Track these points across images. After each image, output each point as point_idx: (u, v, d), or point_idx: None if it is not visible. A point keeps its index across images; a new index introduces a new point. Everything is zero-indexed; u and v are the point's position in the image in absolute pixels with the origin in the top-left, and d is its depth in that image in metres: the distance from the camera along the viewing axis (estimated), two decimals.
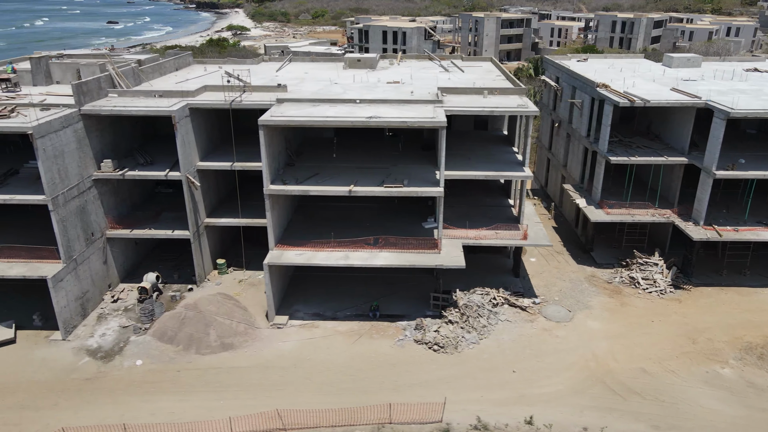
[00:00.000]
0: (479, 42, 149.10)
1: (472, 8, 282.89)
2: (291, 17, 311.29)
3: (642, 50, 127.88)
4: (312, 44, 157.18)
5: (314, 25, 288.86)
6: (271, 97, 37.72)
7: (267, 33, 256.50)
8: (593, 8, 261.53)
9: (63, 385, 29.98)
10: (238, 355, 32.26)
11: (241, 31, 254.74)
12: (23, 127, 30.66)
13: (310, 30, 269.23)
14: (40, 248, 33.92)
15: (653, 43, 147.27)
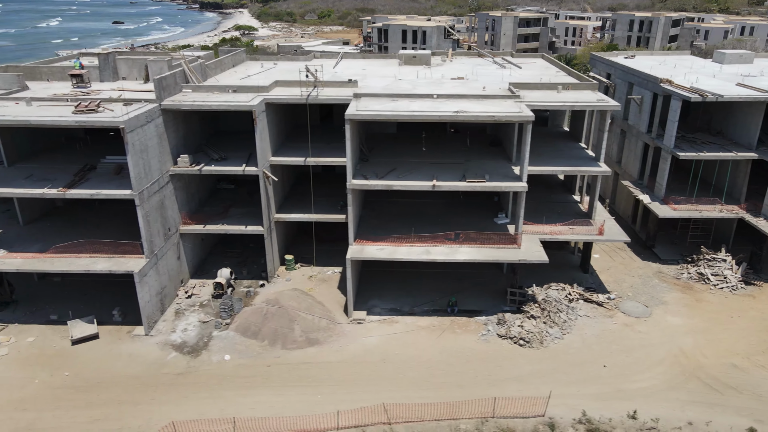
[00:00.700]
0: (496, 41, 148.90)
1: (477, 8, 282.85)
2: (297, 17, 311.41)
3: (666, 49, 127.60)
4: (324, 44, 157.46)
5: (321, 25, 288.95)
6: (343, 93, 37.76)
7: (275, 33, 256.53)
8: (598, 8, 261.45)
9: (156, 380, 29.92)
10: (324, 351, 32.21)
11: (249, 31, 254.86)
12: (115, 122, 30.61)
13: (318, 30, 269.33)
14: (124, 243, 33.89)
15: (671, 42, 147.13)
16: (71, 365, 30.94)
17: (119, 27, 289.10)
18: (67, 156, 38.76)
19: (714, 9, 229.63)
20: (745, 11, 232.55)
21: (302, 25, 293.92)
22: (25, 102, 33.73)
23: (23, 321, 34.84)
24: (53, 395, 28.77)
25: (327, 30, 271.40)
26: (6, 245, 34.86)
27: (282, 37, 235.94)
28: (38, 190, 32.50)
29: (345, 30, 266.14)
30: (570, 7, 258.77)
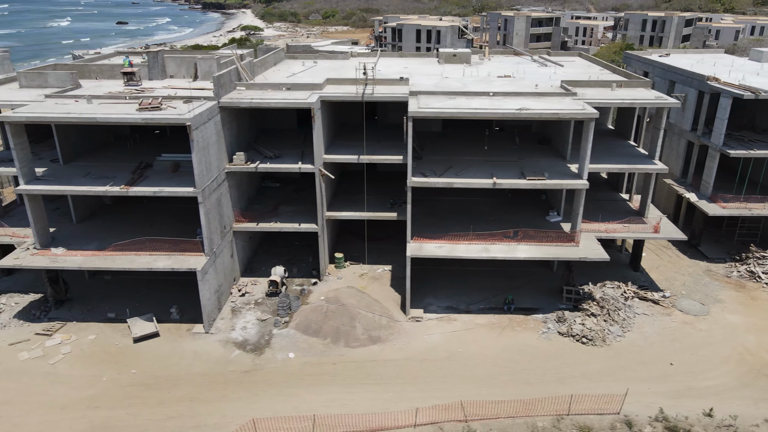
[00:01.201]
0: (508, 40, 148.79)
1: (481, 8, 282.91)
2: (301, 17, 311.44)
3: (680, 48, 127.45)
4: (333, 44, 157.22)
5: (325, 25, 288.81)
6: (395, 90, 37.71)
7: (280, 33, 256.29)
8: (602, 8, 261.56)
9: (224, 377, 29.87)
10: (387, 348, 32.16)
11: (255, 31, 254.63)
12: (181, 119, 30.56)
13: (323, 30, 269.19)
14: (184, 241, 33.84)
15: (683, 42, 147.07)
16: (137, 363, 30.88)
17: (124, 27, 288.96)
18: (118, 154, 38.73)
19: (719, 9, 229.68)
20: (750, 11, 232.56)
21: (307, 25, 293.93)
22: (86, 100, 33.67)
23: (80, 319, 34.78)
24: (124, 393, 28.71)
25: (332, 30, 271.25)
26: (63, 243, 34.80)
27: (288, 37, 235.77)
28: (101, 188, 32.43)
29: (350, 30, 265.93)
30: (573, 7, 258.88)
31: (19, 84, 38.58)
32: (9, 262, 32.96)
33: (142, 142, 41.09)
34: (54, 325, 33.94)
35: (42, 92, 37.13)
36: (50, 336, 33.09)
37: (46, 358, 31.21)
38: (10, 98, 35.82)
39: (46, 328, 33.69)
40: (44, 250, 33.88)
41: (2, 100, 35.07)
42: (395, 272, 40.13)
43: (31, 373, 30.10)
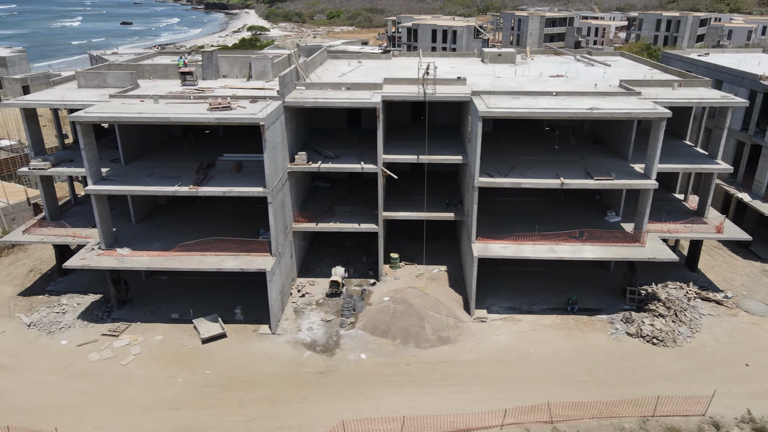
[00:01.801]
0: (522, 40, 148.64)
1: (486, 9, 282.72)
2: (305, 18, 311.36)
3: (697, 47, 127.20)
4: (344, 44, 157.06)
5: (331, 25, 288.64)
6: (453, 90, 37.53)
7: (286, 33, 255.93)
8: (606, 8, 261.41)
9: (299, 378, 29.73)
10: (458, 349, 32.02)
11: (261, 31, 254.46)
12: (255, 118, 30.44)
13: (329, 30, 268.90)
14: (251, 241, 33.71)
15: (697, 42, 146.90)
16: (209, 364, 30.73)
17: (129, 28, 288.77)
18: (175, 154, 38.61)
19: (724, 9, 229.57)
20: (757, 11, 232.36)
21: (312, 25, 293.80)
22: (152, 100, 33.52)
23: (144, 320, 34.63)
24: (201, 394, 28.57)
25: (338, 30, 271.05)
26: (125, 244, 34.67)
27: (294, 37, 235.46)
28: (169, 188, 32.29)
29: (356, 30, 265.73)
30: (578, 8, 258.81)
31: (78, 84, 38.43)
32: (76, 262, 32.81)
33: (196, 142, 40.93)
34: (119, 325, 33.80)
35: (101, 92, 37.04)
36: (117, 337, 32.95)
37: (117, 359, 31.07)
38: (73, 98, 35.65)
39: (111, 328, 33.55)
40: (110, 251, 33.74)
41: (67, 100, 34.88)
42: (451, 272, 39.98)
43: (105, 374, 29.95)
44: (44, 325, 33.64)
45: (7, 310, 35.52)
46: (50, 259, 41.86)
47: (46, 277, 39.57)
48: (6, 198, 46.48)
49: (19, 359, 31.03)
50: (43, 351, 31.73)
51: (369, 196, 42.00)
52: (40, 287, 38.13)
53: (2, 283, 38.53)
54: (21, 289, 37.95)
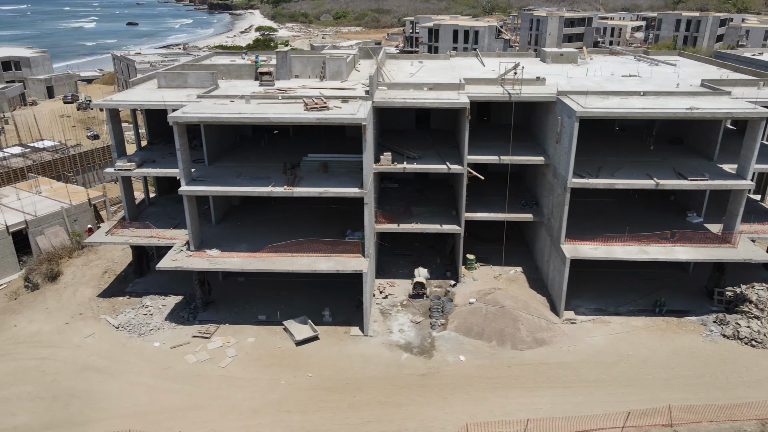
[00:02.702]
0: (540, 41, 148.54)
1: (491, 9, 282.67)
2: (312, 18, 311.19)
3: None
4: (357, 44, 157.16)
5: (337, 25, 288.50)
6: (537, 90, 37.28)
7: (294, 34, 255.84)
8: (611, 9, 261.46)
9: (402, 381, 29.48)
10: (555, 351, 31.78)
11: (269, 31, 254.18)
12: (356, 119, 30.26)
13: (336, 30, 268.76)
14: (343, 242, 33.47)
15: (717, 42, 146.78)
16: (308, 366, 30.48)
17: (135, 28, 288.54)
18: (253, 154, 38.41)
19: (731, 9, 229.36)
20: (765, 12, 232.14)
21: (319, 26, 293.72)
22: (244, 100, 33.29)
23: (232, 321, 34.40)
24: (308, 396, 28.32)
25: (345, 30, 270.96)
26: (212, 245, 34.44)
27: (303, 37, 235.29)
28: (264, 189, 32.05)
29: (363, 31, 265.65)
30: (583, 8, 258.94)
31: (158, 84, 38.17)
32: (168, 263, 32.57)
33: (270, 143, 40.73)
34: (208, 327, 33.55)
35: (182, 92, 36.80)
36: (209, 339, 32.70)
37: (215, 361, 30.81)
38: (157, 99, 35.38)
39: (201, 330, 33.30)
40: (199, 252, 33.49)
41: (154, 100, 34.65)
42: (528, 274, 39.74)
43: (206, 376, 29.70)
44: (133, 327, 33.37)
45: (92, 312, 35.25)
46: (122, 260, 41.63)
47: (121, 278, 39.30)
48: (69, 199, 46.21)
49: (116, 361, 30.76)
50: (138, 353, 31.46)
51: (440, 197, 41.87)
52: (119, 288, 37.87)
53: (80, 284, 38.26)
54: (99, 291, 37.68)
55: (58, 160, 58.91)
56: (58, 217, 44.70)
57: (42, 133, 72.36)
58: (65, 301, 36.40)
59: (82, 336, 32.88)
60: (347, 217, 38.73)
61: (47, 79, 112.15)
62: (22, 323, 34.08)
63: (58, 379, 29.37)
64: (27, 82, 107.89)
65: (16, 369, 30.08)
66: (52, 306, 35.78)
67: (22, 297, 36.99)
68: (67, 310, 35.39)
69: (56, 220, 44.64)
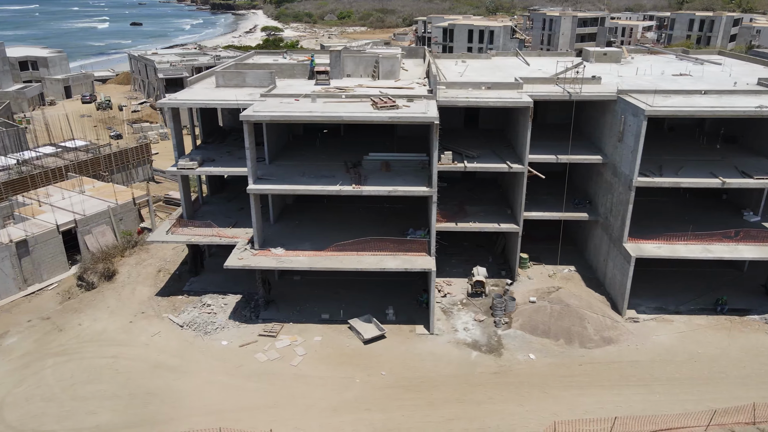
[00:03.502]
0: (553, 41, 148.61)
1: (495, 9, 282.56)
2: (316, 18, 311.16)
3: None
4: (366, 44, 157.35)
5: (342, 25, 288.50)
6: (594, 89, 37.24)
7: (300, 34, 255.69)
8: (615, 9, 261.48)
9: (476, 379, 29.53)
10: (623, 349, 31.82)
11: (275, 32, 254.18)
12: (428, 117, 30.37)
13: (342, 31, 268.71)
14: (409, 241, 33.51)
15: (730, 41, 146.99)
16: (379, 365, 30.51)
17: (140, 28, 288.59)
18: (309, 152, 38.46)
19: (736, 10, 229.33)
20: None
21: (324, 26, 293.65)
22: (309, 99, 33.34)
23: (295, 320, 34.42)
24: (384, 395, 28.35)
25: (350, 30, 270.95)
26: (274, 243, 34.48)
27: (309, 37, 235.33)
28: (333, 187, 32.15)
29: (369, 31, 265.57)
30: (587, 8, 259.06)
31: (216, 83, 38.18)
32: (234, 262, 32.63)
33: (322, 141, 40.79)
34: (273, 326, 33.56)
35: (241, 91, 36.84)
36: (275, 337, 32.72)
37: (285, 360, 30.84)
38: (218, 97, 35.43)
39: (267, 329, 33.32)
40: (264, 251, 33.54)
41: (218, 99, 34.68)
42: (582, 272, 39.76)
43: (279, 374, 29.73)
44: (198, 326, 33.40)
45: (153, 310, 35.27)
46: (173, 258, 41.67)
47: (175, 277, 39.32)
48: (115, 198, 46.25)
49: (187, 360, 30.79)
50: (207, 352, 31.49)
51: (488, 196, 41.90)
52: (175, 287, 37.89)
53: (136, 283, 38.28)
54: (156, 290, 37.70)
55: (94, 160, 58.89)
56: (104, 216, 44.74)
57: (64, 133, 72.26)
58: (125, 300, 36.42)
59: (148, 335, 32.89)
60: (403, 216, 38.84)
61: (65, 79, 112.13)
62: (86, 322, 34.10)
63: (132, 377, 29.39)
64: (45, 82, 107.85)
65: (89, 367, 30.09)
66: (113, 305, 35.80)
67: (82, 296, 37.02)
68: (129, 309, 35.40)
69: (103, 219, 44.67)
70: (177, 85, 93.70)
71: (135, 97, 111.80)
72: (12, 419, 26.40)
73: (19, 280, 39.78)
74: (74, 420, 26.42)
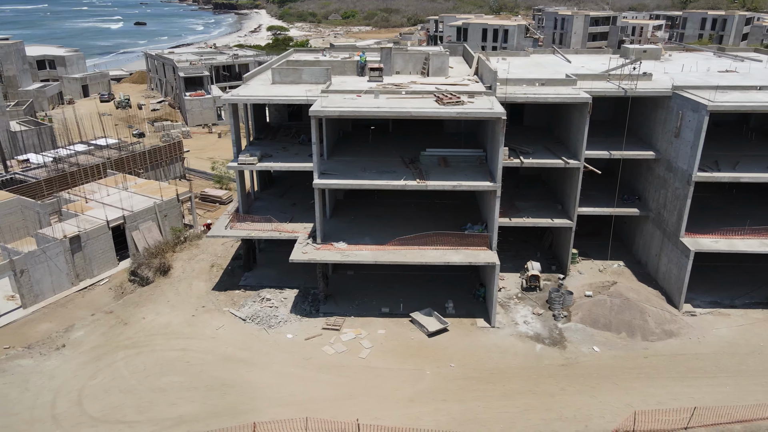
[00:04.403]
0: (565, 40, 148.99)
1: (499, 9, 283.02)
2: (320, 18, 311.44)
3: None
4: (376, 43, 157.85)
5: (347, 25, 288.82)
6: (646, 86, 37.56)
7: (305, 33, 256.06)
8: (618, 8, 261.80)
9: (545, 371, 29.88)
10: (686, 342, 32.18)
11: (281, 31, 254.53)
12: (496, 113, 30.69)
13: (347, 30, 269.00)
14: (470, 236, 33.84)
15: (742, 40, 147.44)
16: (447, 357, 30.85)
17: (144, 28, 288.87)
18: (362, 148, 38.84)
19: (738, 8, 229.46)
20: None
21: (328, 25, 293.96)
22: (373, 95, 33.68)
23: (356, 314, 34.75)
24: (458, 386, 28.69)
25: (355, 30, 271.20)
26: (334, 238, 34.80)
27: (314, 37, 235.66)
28: (397, 182, 32.48)
29: (374, 30, 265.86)
30: (590, 8, 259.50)
31: (272, 80, 38.46)
32: (299, 256, 32.98)
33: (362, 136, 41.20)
34: (336, 319, 33.90)
35: (298, 88, 37.18)
36: (339, 330, 33.04)
37: (353, 353, 31.17)
38: (277, 93, 35.76)
39: (329, 323, 33.64)
40: (326, 245, 33.87)
41: (278, 95, 35.02)
42: (631, 267, 40.10)
43: (350, 366, 30.06)
44: (261, 320, 33.73)
45: (213, 305, 35.61)
46: (224, 254, 42.00)
47: (228, 272, 39.65)
48: (160, 195, 46.58)
49: (255, 353, 31.12)
50: (274, 345, 31.82)
51: (535, 192, 42.22)
52: (230, 282, 38.22)
53: (191, 278, 38.61)
54: (212, 284, 38.02)
55: (129, 157, 59.19)
56: (151, 212, 45.07)
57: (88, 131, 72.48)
58: (183, 294, 36.75)
59: (213, 328, 33.21)
60: (454, 211, 39.14)
61: (82, 78, 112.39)
62: (149, 315, 34.42)
63: (205, 369, 29.71)
64: (63, 81, 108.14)
65: (160, 360, 30.42)
66: (172, 299, 36.13)
67: (140, 290, 37.35)
68: (189, 303, 35.73)
69: (149, 215, 45.00)
70: (196, 83, 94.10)
71: (153, 96, 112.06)
72: (94, 411, 26.72)
73: (72, 275, 40.13)
74: (156, 411, 26.74)
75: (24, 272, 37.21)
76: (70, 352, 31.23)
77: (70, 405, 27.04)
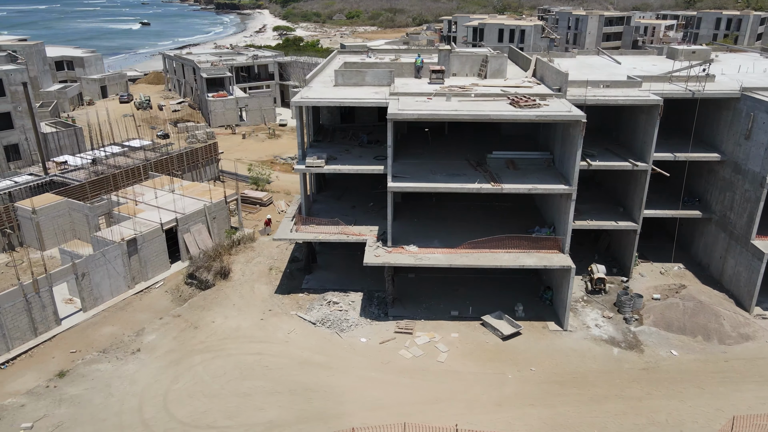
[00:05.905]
0: (579, 40, 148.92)
1: (503, 9, 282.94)
2: (324, 18, 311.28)
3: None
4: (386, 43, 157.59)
5: (352, 25, 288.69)
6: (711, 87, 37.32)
7: (311, 33, 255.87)
8: (622, 8, 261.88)
9: (626, 375, 29.68)
10: (762, 346, 32.01)
11: (287, 31, 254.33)
12: (575, 116, 30.53)
13: (352, 30, 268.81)
14: (543, 239, 33.65)
15: (757, 40, 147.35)
16: (526, 361, 30.65)
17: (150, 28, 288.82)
18: (423, 150, 38.70)
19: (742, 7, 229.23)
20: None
21: (333, 25, 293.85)
22: (445, 98, 33.48)
23: (426, 317, 34.54)
24: (543, 391, 28.49)
25: (361, 30, 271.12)
26: (402, 241, 34.61)
27: (321, 37, 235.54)
28: (473, 185, 32.38)
29: (379, 30, 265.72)
30: (593, 7, 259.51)
31: (335, 82, 38.19)
32: (372, 259, 32.81)
33: (419, 138, 41.04)
34: (407, 323, 33.68)
35: (361, 90, 36.95)
36: (411, 334, 32.84)
37: (430, 356, 30.97)
38: (339, 96, 35.55)
39: (401, 326, 33.43)
40: (397, 248, 33.69)
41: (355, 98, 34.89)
42: (693, 270, 39.90)
43: (430, 370, 29.86)
44: (332, 323, 33.51)
45: (279, 308, 35.39)
46: (280, 256, 41.77)
47: (287, 274, 39.42)
48: (210, 197, 46.36)
49: (332, 357, 30.91)
50: (350, 349, 31.60)
51: (589, 194, 41.94)
52: (292, 285, 38.00)
53: (253, 281, 38.39)
54: (273, 287, 37.80)
55: (168, 159, 58.93)
56: (201, 214, 44.87)
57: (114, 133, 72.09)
58: (248, 297, 36.52)
59: (284, 332, 33.00)
60: (516, 214, 38.99)
61: (101, 79, 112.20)
62: (218, 319, 34.20)
63: (284, 373, 29.49)
64: (81, 82, 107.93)
65: (238, 364, 30.19)
66: (238, 303, 35.91)
67: (204, 294, 37.08)
68: (255, 307, 35.51)
69: (199, 217, 44.80)
70: (218, 84, 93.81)
71: (171, 97, 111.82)
72: (182, 416, 26.50)
73: (128, 278, 39.91)
74: (244, 416, 26.52)
75: (85, 275, 36.99)
76: (146, 356, 31.00)
77: (158, 410, 26.81)
